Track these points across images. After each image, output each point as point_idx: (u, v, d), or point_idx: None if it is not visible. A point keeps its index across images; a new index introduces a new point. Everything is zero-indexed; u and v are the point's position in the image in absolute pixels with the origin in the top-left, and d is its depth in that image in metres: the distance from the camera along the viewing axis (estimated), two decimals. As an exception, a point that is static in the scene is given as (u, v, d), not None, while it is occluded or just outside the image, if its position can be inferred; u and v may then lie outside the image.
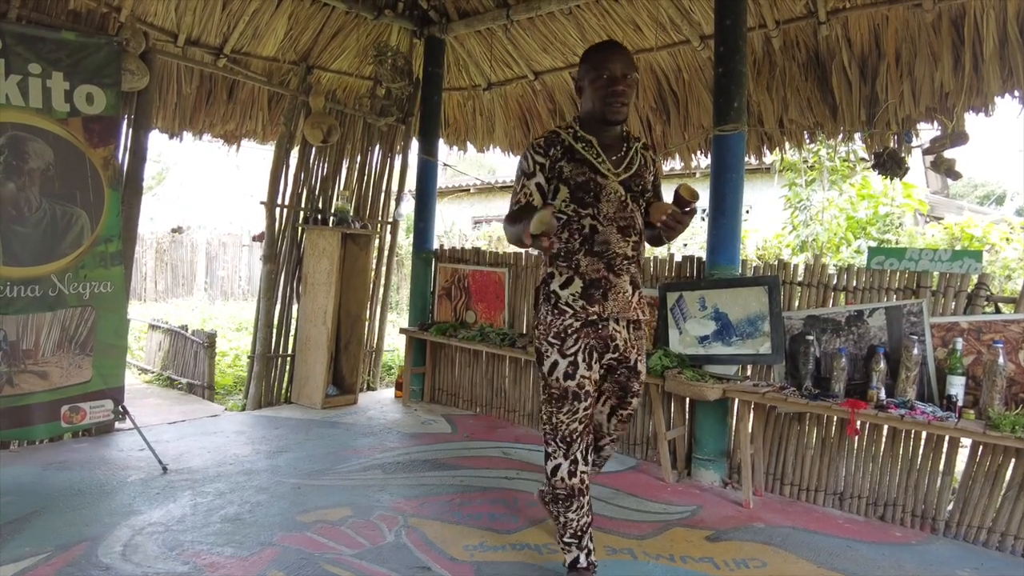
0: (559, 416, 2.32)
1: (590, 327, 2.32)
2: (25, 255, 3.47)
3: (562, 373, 2.30)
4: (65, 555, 2.52)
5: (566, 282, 2.33)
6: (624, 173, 2.33)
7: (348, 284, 5.28)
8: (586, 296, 2.31)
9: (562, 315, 2.31)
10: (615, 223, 2.30)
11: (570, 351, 2.30)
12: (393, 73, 5.29)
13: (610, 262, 2.31)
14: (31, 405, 3.51)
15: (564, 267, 2.34)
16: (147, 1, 4.22)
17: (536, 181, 2.29)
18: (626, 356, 2.43)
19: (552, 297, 2.35)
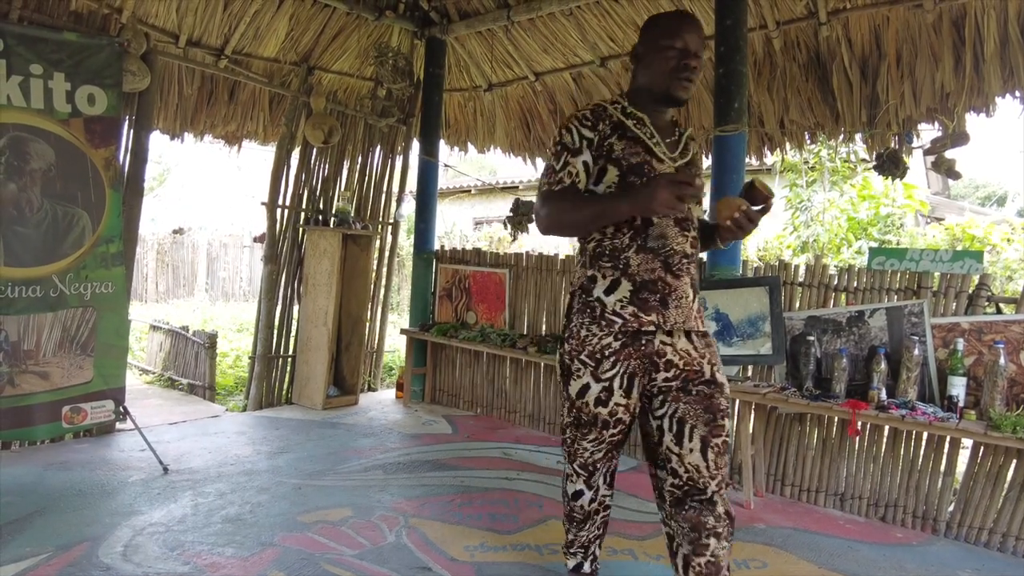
0: (583, 443, 2.06)
1: (633, 345, 1.90)
2: (26, 255, 3.48)
3: (593, 399, 1.95)
4: (66, 555, 2.52)
5: (611, 286, 1.92)
6: (680, 159, 1.97)
7: (349, 285, 5.28)
8: (638, 302, 1.89)
9: (603, 330, 1.91)
10: (671, 215, 1.90)
11: (606, 375, 1.92)
12: (394, 74, 5.29)
13: (667, 260, 1.90)
14: (32, 405, 3.51)
15: (608, 268, 1.92)
16: (148, 2, 4.22)
17: (583, 159, 1.90)
18: (697, 371, 1.93)
19: (595, 307, 1.93)
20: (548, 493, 3.41)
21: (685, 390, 1.92)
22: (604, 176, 1.91)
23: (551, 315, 4.77)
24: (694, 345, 1.94)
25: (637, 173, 1.88)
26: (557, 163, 1.91)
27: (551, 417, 4.65)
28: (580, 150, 1.91)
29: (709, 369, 1.95)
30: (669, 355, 1.91)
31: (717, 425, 1.90)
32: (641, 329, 1.89)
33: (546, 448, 4.26)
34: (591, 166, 1.91)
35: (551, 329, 4.75)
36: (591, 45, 4.96)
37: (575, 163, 1.90)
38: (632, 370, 1.92)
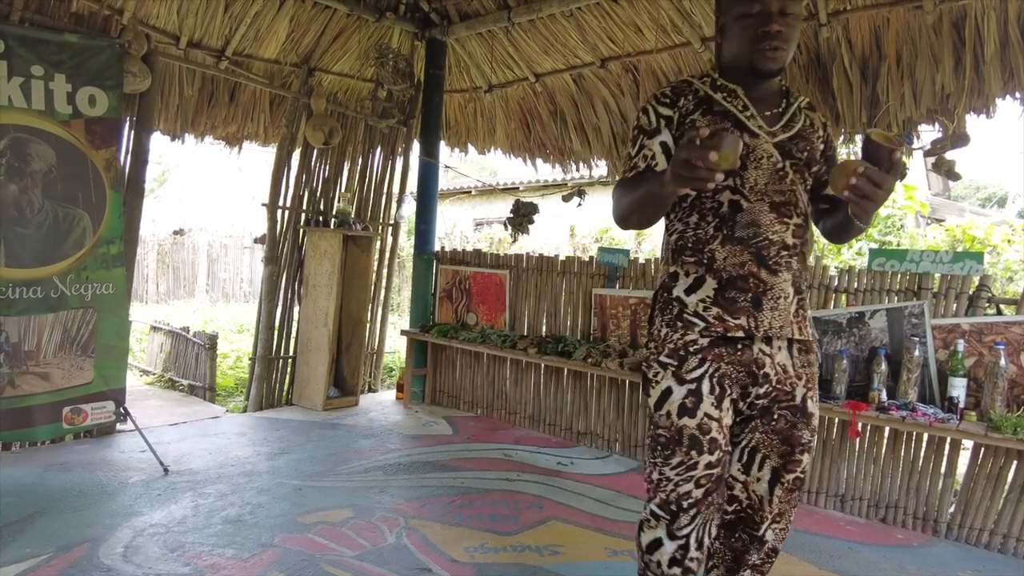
0: (665, 470, 1.61)
1: (725, 347, 1.60)
2: (27, 256, 3.48)
3: (676, 407, 1.59)
4: (66, 556, 2.52)
5: (694, 284, 1.64)
6: (782, 133, 1.66)
7: (349, 286, 5.29)
8: (723, 302, 1.60)
9: (686, 328, 1.62)
10: (767, 198, 1.60)
11: (691, 375, 1.59)
12: (394, 75, 5.30)
13: (760, 253, 1.59)
14: (33, 406, 3.51)
15: (691, 263, 1.65)
16: (149, 3, 4.23)
17: (661, 140, 1.65)
18: (787, 392, 1.63)
19: (673, 306, 1.66)
20: (548, 494, 3.41)
21: (767, 413, 1.63)
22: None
23: (551, 316, 4.77)
24: (793, 360, 1.64)
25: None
26: (633, 148, 1.68)
27: (551, 418, 4.65)
28: (657, 130, 1.66)
29: (802, 393, 1.63)
30: (767, 368, 1.60)
31: (794, 460, 1.63)
32: (728, 335, 1.59)
33: (546, 449, 4.26)
34: (672, 148, 1.63)
35: (551, 330, 4.75)
36: (591, 46, 4.96)
37: (651, 145, 1.65)
38: (724, 376, 1.60)
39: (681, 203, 1.68)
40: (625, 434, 4.25)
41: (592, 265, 4.52)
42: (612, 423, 4.31)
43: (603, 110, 5.24)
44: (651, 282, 4.20)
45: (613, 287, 4.37)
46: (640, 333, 4.23)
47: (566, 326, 4.67)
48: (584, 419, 4.45)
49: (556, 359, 4.32)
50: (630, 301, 4.27)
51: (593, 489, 3.53)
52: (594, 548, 2.79)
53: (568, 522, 3.05)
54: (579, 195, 5.14)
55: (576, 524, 3.04)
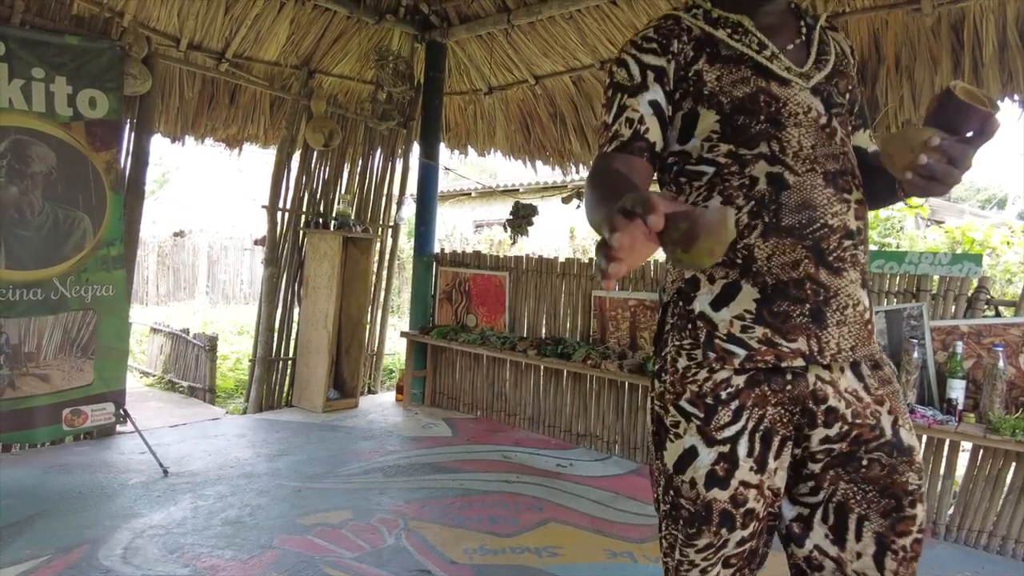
0: (689, 552, 1.18)
1: (771, 381, 1.14)
2: (27, 258, 3.49)
3: (704, 475, 1.14)
4: (66, 558, 2.52)
5: (725, 293, 1.16)
6: (816, 72, 1.19)
7: (349, 288, 5.29)
8: (771, 319, 1.13)
9: (717, 361, 1.15)
10: (819, 167, 1.14)
11: (724, 433, 1.13)
12: (394, 77, 5.31)
13: (819, 245, 1.13)
14: (33, 408, 3.52)
15: (717, 266, 1.17)
16: (149, 6, 4.24)
17: (649, 98, 1.18)
18: (871, 426, 1.16)
19: (696, 326, 1.18)
20: (548, 496, 3.41)
21: (851, 459, 1.15)
22: (696, 126, 1.18)
23: (551, 318, 4.78)
24: (865, 383, 1.17)
25: (748, 111, 1.14)
26: (608, 113, 1.20)
27: (551, 420, 4.65)
28: (644, 85, 1.18)
29: (890, 423, 1.16)
30: (832, 400, 1.14)
31: (904, 517, 1.14)
32: (783, 366, 1.13)
33: (545, 451, 4.26)
34: (666, 110, 1.19)
35: (551, 332, 4.76)
36: (591, 48, 4.97)
37: (635, 104, 1.17)
38: (771, 425, 1.14)
39: (693, 180, 1.19)
40: (624, 436, 4.25)
41: (592, 267, 4.53)
42: (611, 425, 4.31)
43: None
44: (651, 284, 4.19)
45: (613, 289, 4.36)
46: (639, 335, 4.23)
47: (565, 328, 4.67)
48: (583, 421, 4.46)
49: (555, 361, 4.32)
50: (629, 303, 4.27)
51: (592, 491, 3.53)
52: (593, 550, 2.79)
53: (567, 524, 3.06)
54: (578, 197, 5.15)
55: (575, 526, 3.04)
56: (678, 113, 1.20)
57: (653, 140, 1.18)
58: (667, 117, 1.20)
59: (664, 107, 1.19)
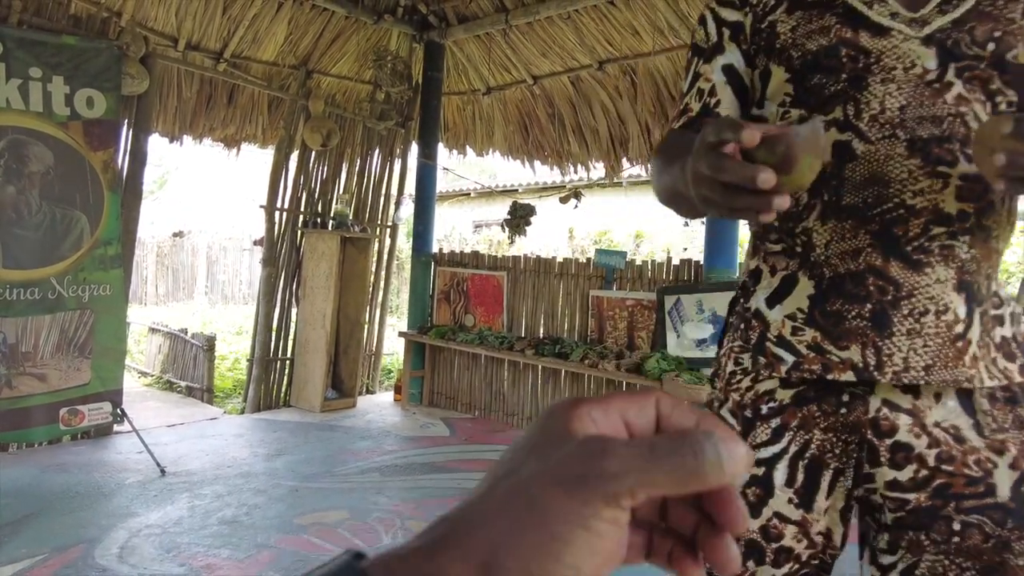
0: None
1: (822, 400, 0.95)
2: (25, 258, 3.49)
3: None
4: (62, 557, 2.52)
5: (782, 288, 0.99)
6: (938, 17, 0.92)
7: (347, 288, 5.29)
8: (825, 321, 0.94)
9: (763, 367, 0.98)
10: (904, 132, 0.90)
11: (761, 454, 0.97)
12: (392, 77, 5.31)
13: (890, 230, 0.91)
14: (30, 407, 3.52)
15: (778, 253, 1.01)
16: (147, 6, 4.24)
17: (723, 62, 1.03)
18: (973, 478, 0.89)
19: (749, 324, 1.02)
20: (545, 495, 3.41)
21: (935, 519, 0.89)
22: (768, 86, 1.01)
23: (549, 318, 4.78)
24: (976, 420, 0.89)
25: (826, 70, 0.93)
26: (685, 80, 1.08)
27: (549, 420, 4.65)
28: (720, 46, 1.03)
29: (1009, 481, 0.87)
30: (903, 434, 0.89)
31: None
32: (828, 378, 0.91)
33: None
34: (744, 75, 1.02)
35: (549, 332, 4.76)
36: (589, 49, 4.97)
37: (708, 73, 1.03)
38: (819, 454, 0.94)
39: None
40: (622, 436, 4.24)
41: (589, 267, 4.53)
42: (609, 425, 4.31)
43: (601, 112, 5.25)
44: (648, 284, 4.20)
45: (610, 289, 4.38)
46: (636, 335, 4.23)
47: (563, 328, 4.68)
48: (581, 421, 4.45)
49: (553, 361, 4.32)
50: (627, 303, 4.27)
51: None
52: (590, 549, 2.79)
53: (564, 523, 3.05)
54: (576, 197, 5.16)
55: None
56: (755, 72, 1.02)
57: (725, 114, 1.02)
58: (746, 82, 1.03)
59: (742, 71, 1.03)
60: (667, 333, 3.85)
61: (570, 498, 0.26)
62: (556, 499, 0.26)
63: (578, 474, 0.26)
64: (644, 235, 10.30)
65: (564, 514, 0.26)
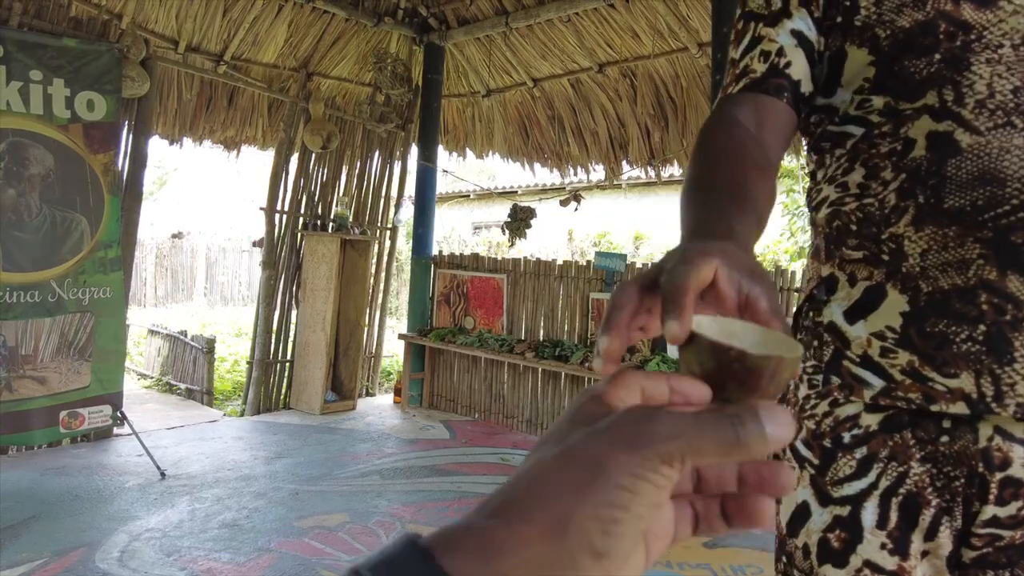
0: None
1: (917, 428, 0.79)
2: (25, 261, 3.49)
3: (816, 541, 0.85)
4: (62, 560, 2.52)
5: (866, 301, 0.83)
6: None
7: (347, 290, 5.29)
8: (925, 344, 0.78)
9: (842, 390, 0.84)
10: (1022, 122, 0.74)
11: (844, 490, 0.83)
12: (392, 80, 5.32)
13: (1007, 238, 0.74)
14: (30, 410, 3.51)
15: (858, 261, 0.85)
16: (148, 8, 4.24)
17: (792, 27, 0.86)
18: None
19: (823, 340, 0.88)
20: (545, 498, 3.41)
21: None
22: (844, 71, 0.86)
23: (549, 320, 4.78)
24: None
25: (919, 50, 0.79)
26: (737, 47, 0.90)
27: (549, 422, 4.66)
28: (785, 10, 0.86)
29: None
30: (1016, 468, 0.76)
31: None
32: (933, 409, 0.78)
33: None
34: (816, 43, 0.86)
35: (549, 334, 4.76)
36: (589, 51, 4.98)
37: (773, 35, 0.86)
38: (917, 489, 0.80)
39: (835, 147, 0.88)
40: None
41: (589, 269, 4.54)
42: (609, 427, 4.31)
43: (600, 115, 5.26)
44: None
45: (610, 291, 4.38)
46: (637, 337, 4.22)
47: (563, 330, 4.68)
48: (581, 423, 4.45)
49: (553, 363, 4.32)
50: (627, 305, 4.27)
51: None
52: (590, 552, 2.79)
53: (564, 526, 3.06)
54: (576, 199, 5.16)
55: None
56: (825, 53, 0.86)
57: (797, 77, 0.84)
58: (817, 52, 0.86)
59: (813, 39, 0.86)
60: (667, 336, 3.86)
61: (630, 455, 0.27)
62: (615, 457, 0.27)
63: (632, 434, 0.28)
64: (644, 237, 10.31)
65: (627, 468, 0.27)
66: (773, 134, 0.82)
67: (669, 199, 10.53)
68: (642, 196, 10.69)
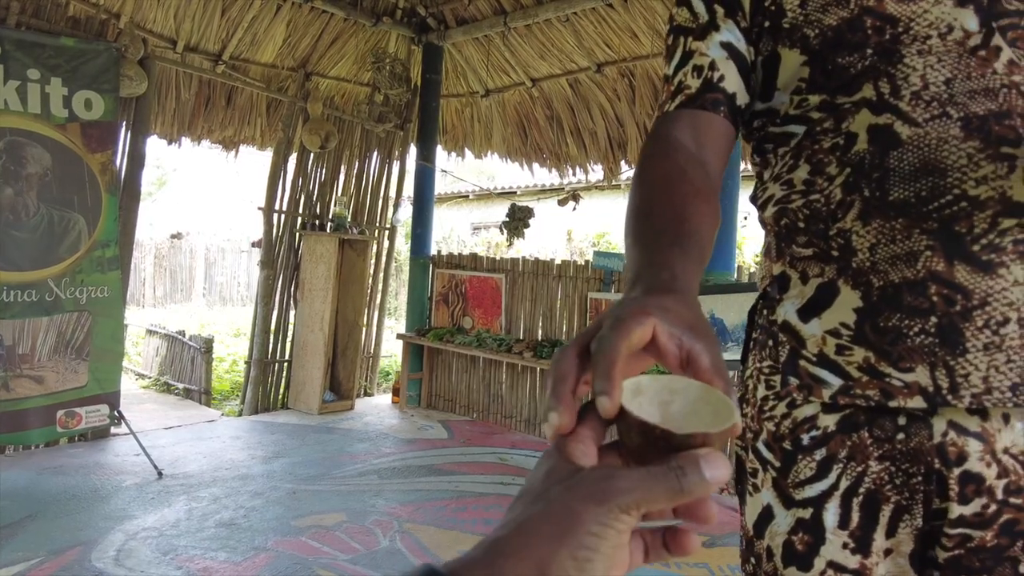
0: None
1: (873, 425, 0.79)
2: (22, 260, 3.48)
3: (780, 544, 0.84)
4: (58, 559, 2.51)
5: (818, 298, 0.83)
6: None
7: (345, 290, 5.29)
8: (879, 339, 0.78)
9: (800, 391, 0.83)
10: (956, 111, 0.75)
11: (805, 492, 0.83)
12: (391, 79, 5.31)
13: (951, 228, 0.75)
14: (27, 410, 3.51)
15: (809, 258, 0.85)
16: (146, 7, 4.24)
17: (721, 39, 0.85)
18: None
19: (777, 340, 0.87)
20: (543, 498, 3.40)
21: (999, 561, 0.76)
22: (779, 74, 0.85)
23: (547, 320, 4.78)
24: None
25: (849, 47, 0.80)
26: (669, 63, 0.89)
27: (547, 422, 4.65)
28: (712, 23, 0.86)
29: None
30: (973, 463, 0.76)
31: None
32: (891, 405, 0.77)
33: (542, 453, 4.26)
34: (747, 54, 0.85)
35: (547, 334, 4.76)
36: (587, 51, 4.98)
37: (703, 49, 0.85)
38: (876, 487, 0.79)
39: (779, 146, 0.89)
40: (620, 438, 4.25)
41: (588, 269, 4.53)
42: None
43: (599, 115, 5.26)
44: (646, 286, 4.19)
45: (609, 291, 4.37)
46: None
47: (562, 330, 4.67)
48: (579, 423, 4.45)
49: (551, 363, 4.31)
50: (625, 305, 4.27)
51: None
52: (588, 552, 2.79)
53: (562, 526, 3.05)
54: (575, 199, 5.16)
55: (570, 528, 3.04)
56: (757, 59, 0.86)
57: (732, 90, 0.84)
58: (749, 62, 0.86)
59: (743, 50, 0.85)
60: (665, 335, 3.86)
61: (598, 507, 0.35)
62: (588, 509, 0.35)
63: (598, 490, 0.35)
64: (642, 237, 10.29)
65: (596, 518, 0.34)
66: (713, 151, 0.82)
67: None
68: (641, 196, 10.67)
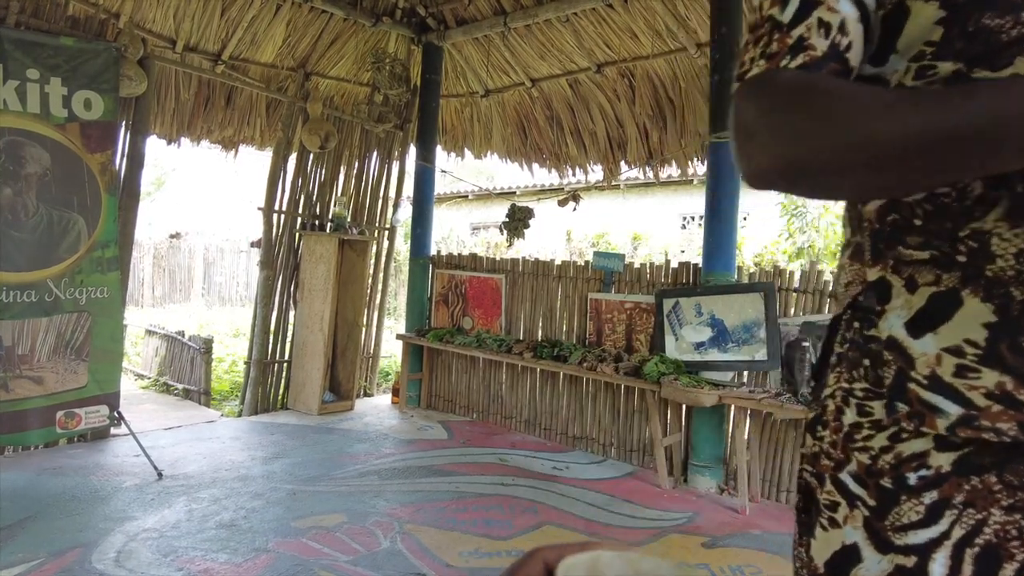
0: None
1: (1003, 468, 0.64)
2: (21, 260, 3.48)
3: None
4: (58, 561, 2.51)
5: (933, 310, 0.67)
6: None
7: (345, 290, 5.29)
8: (1019, 361, 0.62)
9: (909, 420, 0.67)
10: None
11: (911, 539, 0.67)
12: (391, 80, 5.31)
13: None
14: (26, 410, 3.50)
15: (925, 263, 0.69)
16: (146, 7, 4.23)
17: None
18: None
19: (877, 363, 0.71)
20: (543, 499, 3.40)
21: None
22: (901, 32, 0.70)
23: (547, 321, 4.77)
24: None
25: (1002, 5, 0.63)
26: (782, 6, 0.70)
27: (547, 423, 4.65)
28: None
29: None
30: None
31: None
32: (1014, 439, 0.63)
33: (541, 454, 4.26)
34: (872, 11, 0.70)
35: (547, 335, 4.75)
36: (587, 51, 4.98)
37: (833, 2, 0.68)
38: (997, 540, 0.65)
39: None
40: (621, 439, 4.25)
41: (587, 269, 4.53)
42: (608, 428, 4.31)
43: (599, 115, 5.26)
44: (646, 286, 4.19)
45: (608, 291, 4.37)
46: (635, 338, 4.22)
47: (562, 331, 4.67)
48: (580, 423, 4.45)
49: (551, 364, 4.32)
50: (625, 306, 4.27)
51: (588, 494, 3.53)
52: (588, 553, 2.79)
53: (563, 527, 3.05)
54: (574, 199, 5.16)
55: (571, 528, 3.04)
56: (876, 14, 0.70)
57: (854, 64, 0.70)
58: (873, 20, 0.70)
59: (871, 9, 0.70)
60: (665, 336, 3.85)
61: None
62: None
63: None
64: (642, 237, 10.31)
65: None
66: None
67: (667, 199, 10.54)
68: (640, 196, 10.70)
